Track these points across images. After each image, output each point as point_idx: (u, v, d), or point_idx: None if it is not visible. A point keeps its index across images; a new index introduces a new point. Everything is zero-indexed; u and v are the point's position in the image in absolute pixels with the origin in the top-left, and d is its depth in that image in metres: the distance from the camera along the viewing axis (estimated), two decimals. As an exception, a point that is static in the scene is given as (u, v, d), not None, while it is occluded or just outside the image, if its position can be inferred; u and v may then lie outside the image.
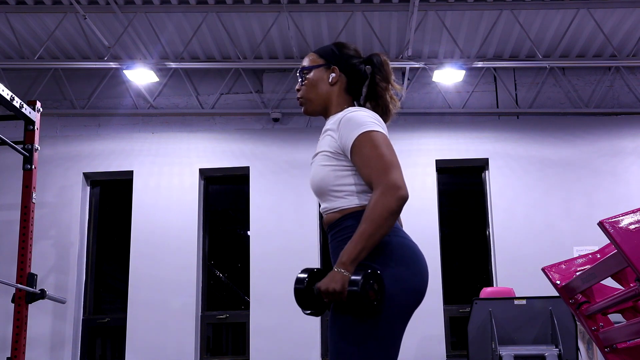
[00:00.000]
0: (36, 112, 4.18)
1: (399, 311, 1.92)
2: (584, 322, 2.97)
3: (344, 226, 2.00)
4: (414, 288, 1.95)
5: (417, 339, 6.70)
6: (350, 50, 2.23)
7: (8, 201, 6.97)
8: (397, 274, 1.92)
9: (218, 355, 7.28)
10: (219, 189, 7.79)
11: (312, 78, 2.19)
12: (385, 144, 1.97)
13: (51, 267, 7.15)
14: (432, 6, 6.53)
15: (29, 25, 6.77)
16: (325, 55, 2.22)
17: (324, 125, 2.16)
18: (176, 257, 7.13)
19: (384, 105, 2.17)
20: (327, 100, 2.18)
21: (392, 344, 1.91)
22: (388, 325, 1.90)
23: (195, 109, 7.63)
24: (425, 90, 7.58)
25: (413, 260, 1.97)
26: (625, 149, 7.31)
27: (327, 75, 2.18)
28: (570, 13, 6.63)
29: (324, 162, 2.05)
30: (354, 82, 2.20)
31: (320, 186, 2.07)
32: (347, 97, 2.19)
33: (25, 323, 3.92)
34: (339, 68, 2.18)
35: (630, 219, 2.06)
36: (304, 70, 2.21)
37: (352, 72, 2.19)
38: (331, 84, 2.18)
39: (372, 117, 2.04)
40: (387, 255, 1.93)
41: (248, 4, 6.52)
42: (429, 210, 7.17)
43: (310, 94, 2.19)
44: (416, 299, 1.96)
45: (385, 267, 1.91)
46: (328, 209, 2.06)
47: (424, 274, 1.99)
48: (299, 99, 2.23)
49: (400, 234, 2.01)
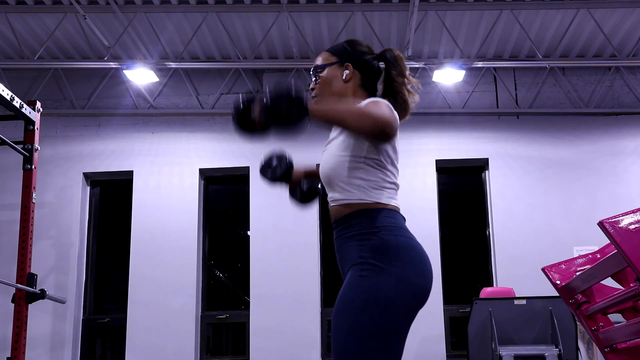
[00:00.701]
0: (36, 112, 4.18)
1: (404, 311, 1.93)
2: (584, 322, 2.97)
3: (352, 223, 2.00)
4: (419, 288, 1.96)
5: (417, 339, 6.69)
6: (362, 47, 2.23)
7: (8, 201, 6.97)
8: (403, 274, 1.92)
9: (218, 355, 7.28)
10: (219, 189, 7.79)
11: (326, 76, 2.19)
12: (390, 109, 1.98)
13: (51, 267, 7.15)
14: (432, 6, 6.53)
15: (29, 25, 6.77)
16: (337, 52, 2.22)
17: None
18: (176, 257, 7.13)
19: (402, 100, 2.17)
20: (342, 97, 2.18)
21: (396, 344, 1.91)
22: (393, 325, 1.91)
23: (195, 109, 7.63)
24: (425, 90, 7.58)
25: (418, 260, 1.98)
26: (625, 149, 7.31)
27: (341, 73, 2.18)
28: (570, 13, 6.63)
29: (339, 151, 2.05)
30: (368, 78, 2.21)
31: (329, 175, 2.07)
32: (363, 93, 2.19)
33: (25, 323, 3.92)
34: (353, 65, 2.18)
35: (630, 219, 2.07)
36: (317, 69, 2.21)
37: (366, 69, 2.20)
38: (345, 80, 2.18)
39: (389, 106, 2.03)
40: (394, 255, 1.94)
41: (248, 4, 6.52)
42: (429, 210, 7.17)
43: (325, 92, 2.19)
44: (421, 299, 1.97)
45: (391, 267, 1.92)
46: (336, 199, 2.06)
47: (429, 275, 2.00)
48: (314, 97, 2.22)
49: (406, 234, 2.01)
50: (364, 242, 1.97)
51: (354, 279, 1.94)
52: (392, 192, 2.05)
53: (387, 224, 1.98)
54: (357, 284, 1.93)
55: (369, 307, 1.89)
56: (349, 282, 1.96)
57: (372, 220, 1.98)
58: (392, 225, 1.99)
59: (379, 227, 1.97)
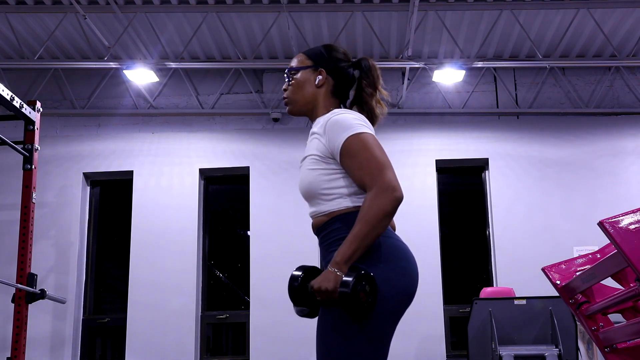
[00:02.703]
0: (36, 112, 4.19)
1: (388, 311, 1.92)
2: (584, 322, 2.97)
3: (332, 229, 2.00)
4: (403, 289, 1.95)
5: (417, 339, 6.70)
6: (339, 54, 2.21)
7: (8, 201, 6.97)
8: (386, 275, 1.91)
9: (218, 355, 7.28)
10: (219, 189, 7.79)
11: (299, 79, 2.18)
12: (375, 145, 1.97)
13: (51, 267, 7.16)
14: (432, 6, 6.53)
15: (29, 25, 6.77)
16: (313, 56, 2.21)
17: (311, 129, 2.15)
18: (176, 257, 7.13)
19: (368, 110, 2.15)
20: (313, 102, 2.17)
21: (381, 344, 1.91)
22: (377, 325, 1.90)
23: (195, 109, 7.63)
24: (425, 90, 7.59)
25: (402, 261, 1.97)
26: (625, 149, 7.31)
27: (314, 77, 2.17)
28: (570, 13, 6.63)
29: (313, 165, 2.04)
30: (341, 85, 2.19)
31: (309, 190, 2.06)
32: (334, 99, 2.18)
33: (25, 323, 3.92)
34: (327, 70, 2.17)
35: (630, 219, 2.06)
36: (291, 70, 2.21)
37: (340, 75, 2.19)
38: (317, 86, 2.17)
39: (359, 119, 2.03)
40: (377, 256, 1.93)
41: (248, 4, 6.52)
42: (429, 210, 7.17)
43: (296, 95, 2.19)
44: (405, 300, 1.96)
45: (374, 267, 1.90)
46: (317, 212, 2.05)
47: (414, 275, 1.98)
48: (285, 98, 2.23)
49: (390, 235, 2.00)
50: None
51: None
52: None
53: None
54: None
55: None
56: None
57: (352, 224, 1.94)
58: None
59: None
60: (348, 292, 1.82)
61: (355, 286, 1.82)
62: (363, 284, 1.84)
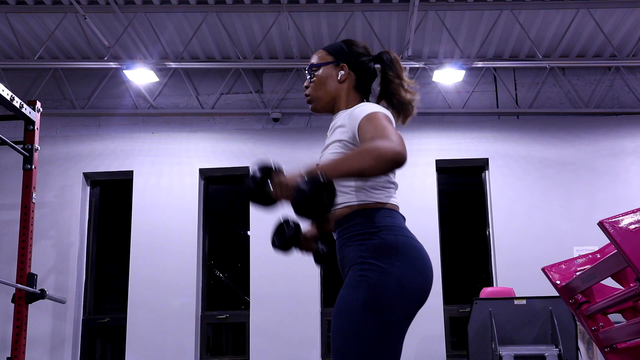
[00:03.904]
0: (36, 112, 4.18)
1: (404, 310, 1.92)
2: (584, 322, 2.97)
3: (353, 223, 2.00)
4: (419, 287, 1.95)
5: (417, 339, 6.69)
6: (359, 48, 2.21)
7: (8, 201, 6.97)
8: (403, 273, 1.92)
9: (218, 355, 7.28)
10: (219, 189, 7.79)
11: (321, 75, 2.18)
12: (389, 122, 1.98)
13: (51, 267, 7.15)
14: (432, 6, 6.53)
15: (29, 25, 6.77)
16: (334, 52, 2.20)
17: (332, 122, 2.15)
18: (176, 257, 7.13)
19: (399, 101, 2.16)
20: (336, 98, 2.17)
21: (396, 344, 1.91)
22: (393, 325, 1.90)
23: (195, 109, 7.63)
24: (425, 90, 7.58)
25: (419, 259, 1.97)
26: (625, 149, 7.31)
27: (336, 73, 2.17)
28: (570, 13, 6.63)
29: (336, 150, 2.04)
30: (363, 79, 2.19)
31: None
32: (356, 94, 2.19)
33: (25, 323, 3.92)
34: (348, 65, 2.17)
35: (630, 219, 2.07)
36: (312, 67, 2.20)
37: (361, 70, 2.19)
38: (340, 81, 2.17)
39: (381, 108, 2.04)
40: (394, 254, 1.93)
41: (248, 4, 6.52)
42: (429, 210, 7.17)
43: (318, 92, 2.18)
44: (421, 299, 1.97)
45: (391, 266, 1.91)
46: (337, 203, 2.03)
47: (429, 274, 1.99)
48: (307, 96, 2.21)
49: (406, 233, 2.00)
50: (364, 241, 1.96)
51: (354, 278, 1.94)
52: (391, 191, 2.06)
53: (387, 223, 1.98)
54: (357, 283, 1.92)
55: (368, 306, 1.89)
56: (349, 282, 1.96)
57: (372, 220, 1.98)
58: (392, 225, 1.99)
59: (379, 226, 1.97)
60: (304, 190, 1.76)
61: (311, 184, 1.77)
62: (319, 187, 1.78)
